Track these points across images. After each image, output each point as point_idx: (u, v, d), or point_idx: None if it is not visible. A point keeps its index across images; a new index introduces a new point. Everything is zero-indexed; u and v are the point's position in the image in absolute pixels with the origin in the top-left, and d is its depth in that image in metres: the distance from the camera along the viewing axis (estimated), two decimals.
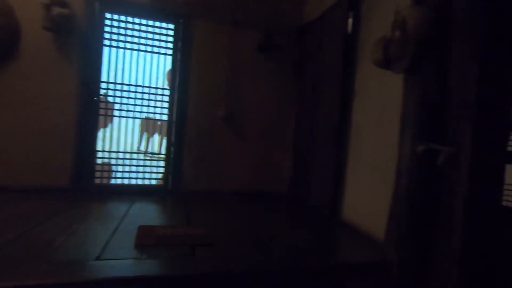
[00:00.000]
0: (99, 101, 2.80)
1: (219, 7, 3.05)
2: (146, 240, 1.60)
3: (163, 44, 2.97)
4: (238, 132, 3.18)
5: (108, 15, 2.80)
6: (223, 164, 3.14)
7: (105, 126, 2.90)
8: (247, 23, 3.13)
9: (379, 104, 2.07)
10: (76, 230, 1.76)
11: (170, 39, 2.98)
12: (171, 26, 2.97)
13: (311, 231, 2.14)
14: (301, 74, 3.27)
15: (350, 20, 2.37)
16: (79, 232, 1.73)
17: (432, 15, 1.53)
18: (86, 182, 2.76)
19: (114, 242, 1.61)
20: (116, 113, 2.88)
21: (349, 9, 2.39)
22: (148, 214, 2.33)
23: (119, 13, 2.83)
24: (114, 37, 2.83)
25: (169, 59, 3.00)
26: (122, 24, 2.85)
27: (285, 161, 3.33)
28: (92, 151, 2.79)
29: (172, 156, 3.00)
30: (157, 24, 2.94)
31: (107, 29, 2.80)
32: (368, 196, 2.12)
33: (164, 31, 2.96)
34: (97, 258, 1.42)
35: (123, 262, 1.40)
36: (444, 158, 1.51)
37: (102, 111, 2.82)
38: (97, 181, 2.83)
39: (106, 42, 2.80)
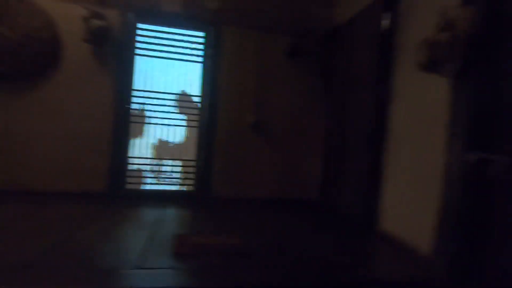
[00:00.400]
0: (131, 109, 2.88)
1: (248, 12, 3.05)
2: (183, 248, 1.60)
3: (193, 51, 3.01)
4: (267, 138, 3.15)
5: (141, 25, 2.89)
6: (252, 170, 3.12)
7: (138, 134, 2.97)
8: (276, 29, 3.11)
9: (420, 109, 1.96)
10: (114, 237, 1.80)
11: (201, 46, 3.02)
12: (202, 33, 3.01)
13: (345, 241, 2.06)
14: (330, 79, 3.19)
15: (386, 22, 2.28)
16: (117, 239, 1.77)
17: (483, 15, 1.42)
18: (119, 187, 2.84)
19: (152, 249, 1.63)
20: (147, 120, 2.96)
21: (385, 10, 2.29)
22: (181, 220, 2.36)
23: (151, 23, 2.91)
24: (147, 46, 2.91)
25: (199, 66, 3.04)
26: (155, 34, 2.92)
27: (315, 168, 3.25)
28: (124, 157, 2.87)
29: (201, 162, 3.03)
30: (188, 32, 2.99)
31: (139, 38, 2.89)
32: (409, 206, 2.00)
33: (194, 39, 3.01)
34: (136, 267, 1.44)
35: (162, 272, 1.41)
36: (499, 169, 1.39)
37: (135, 119, 2.91)
38: (130, 186, 2.90)
39: (139, 51, 2.89)
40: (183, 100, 3.04)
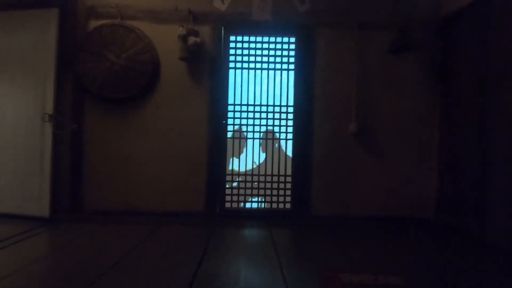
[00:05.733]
0: (228, 124, 2.79)
1: (343, 10, 2.76)
2: None
3: (285, 59, 2.82)
4: (372, 149, 2.78)
5: (232, 38, 2.80)
6: (356, 185, 2.77)
7: (236, 151, 2.86)
8: (375, 23, 2.76)
9: None
10: (245, 271, 1.61)
11: (292, 53, 2.82)
12: (293, 39, 2.81)
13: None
14: (446, 75, 2.71)
15: None
16: (247, 273, 1.58)
17: None
18: (218, 206, 2.74)
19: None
20: (243, 135, 2.83)
21: None
22: (296, 246, 2.13)
23: (243, 34, 2.81)
24: (239, 58, 2.81)
25: (292, 74, 2.83)
26: (246, 45, 2.81)
27: (431, 180, 2.76)
28: (223, 175, 2.77)
29: (299, 177, 2.78)
30: (279, 39, 2.82)
31: (232, 51, 2.80)
32: None
33: (285, 46, 2.82)
34: None
35: None
36: None
37: (232, 135, 2.81)
38: (228, 204, 2.78)
39: (232, 64, 2.80)
40: (269, 138, 2.87)
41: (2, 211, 2.53)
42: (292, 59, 2.83)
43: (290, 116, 2.82)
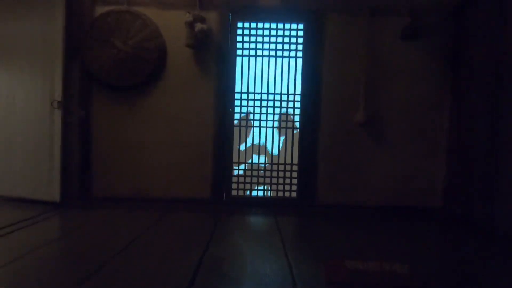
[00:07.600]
0: (235, 112, 2.78)
1: None
2: (337, 276, 1.35)
3: (293, 46, 2.77)
4: (380, 138, 2.74)
5: (240, 24, 2.76)
6: (363, 175, 2.75)
7: (242, 139, 2.86)
8: (387, 9, 2.68)
9: None
10: (251, 256, 1.64)
11: (300, 40, 2.76)
12: (301, 26, 2.75)
13: None
14: (459, 62, 2.63)
15: None
16: (253, 259, 1.60)
17: None
18: (225, 193, 2.77)
19: (300, 274, 1.41)
20: (250, 123, 2.82)
21: None
22: (302, 233, 2.14)
23: (250, 20, 2.76)
24: (246, 45, 2.77)
25: (300, 62, 2.78)
26: (253, 32, 2.77)
27: (439, 170, 2.73)
28: (229, 163, 2.78)
29: (305, 166, 2.78)
30: (287, 26, 2.76)
31: (239, 38, 2.76)
32: None
33: (294, 33, 2.77)
34: None
35: None
36: None
37: (238, 123, 2.80)
38: (234, 192, 2.80)
39: (239, 51, 2.77)
40: (283, 120, 2.84)
41: (15, 195, 2.61)
42: (300, 46, 2.77)
43: (298, 104, 2.79)
